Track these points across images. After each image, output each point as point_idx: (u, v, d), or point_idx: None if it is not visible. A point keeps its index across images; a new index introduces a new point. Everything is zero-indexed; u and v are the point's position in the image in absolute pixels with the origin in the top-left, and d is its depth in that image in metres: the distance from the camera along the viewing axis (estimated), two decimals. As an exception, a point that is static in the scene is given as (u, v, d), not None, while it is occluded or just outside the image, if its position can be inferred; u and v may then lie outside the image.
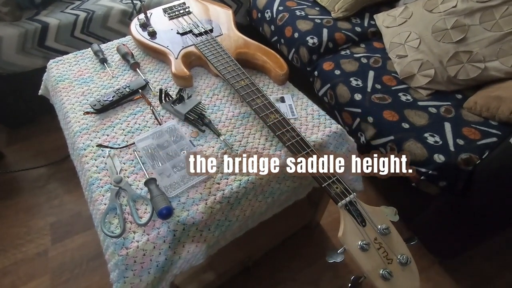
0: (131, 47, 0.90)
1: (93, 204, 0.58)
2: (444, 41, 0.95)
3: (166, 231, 0.53)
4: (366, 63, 1.07)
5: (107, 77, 0.81)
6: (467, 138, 0.82)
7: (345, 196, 0.53)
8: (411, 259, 0.48)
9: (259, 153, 0.65)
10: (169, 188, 0.57)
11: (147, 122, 0.70)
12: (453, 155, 0.78)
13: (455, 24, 0.94)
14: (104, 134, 0.68)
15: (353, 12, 1.24)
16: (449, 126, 0.85)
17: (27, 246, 1.07)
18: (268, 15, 1.33)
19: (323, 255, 1.07)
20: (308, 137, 0.68)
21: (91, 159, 0.63)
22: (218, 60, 0.77)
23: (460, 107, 0.92)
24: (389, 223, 0.52)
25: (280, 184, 0.65)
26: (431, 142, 0.82)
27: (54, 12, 1.24)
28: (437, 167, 0.78)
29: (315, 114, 0.73)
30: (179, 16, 0.95)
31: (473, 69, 0.92)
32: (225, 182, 0.59)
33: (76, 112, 0.72)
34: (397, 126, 0.88)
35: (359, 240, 0.49)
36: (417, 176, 0.84)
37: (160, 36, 0.87)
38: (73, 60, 0.86)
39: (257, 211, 0.63)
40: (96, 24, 1.24)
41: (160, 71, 0.83)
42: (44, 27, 1.17)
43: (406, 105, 0.93)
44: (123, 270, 0.50)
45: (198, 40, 0.84)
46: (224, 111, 0.73)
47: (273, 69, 0.79)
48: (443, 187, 0.80)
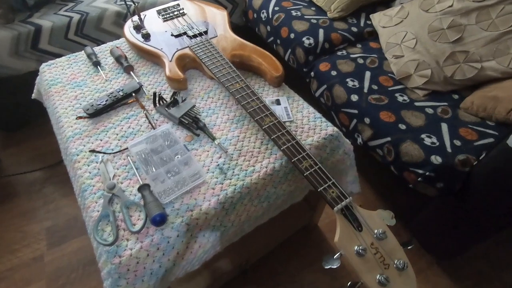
0: (125, 50, 0.89)
1: (86, 211, 0.58)
2: (440, 41, 0.95)
3: (160, 238, 0.52)
4: (362, 64, 1.07)
5: (100, 81, 0.80)
6: (464, 139, 0.82)
7: (341, 200, 0.53)
8: (408, 264, 0.48)
9: (254, 156, 0.64)
10: (163, 194, 0.57)
11: (141, 126, 0.70)
12: (450, 156, 0.78)
13: (451, 24, 0.94)
14: (97, 139, 0.67)
15: (349, 12, 1.23)
16: (446, 127, 0.85)
17: (23, 251, 1.06)
18: (264, 15, 1.32)
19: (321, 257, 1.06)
20: (304, 140, 0.67)
21: (83, 164, 0.62)
22: (213, 62, 0.76)
23: (457, 108, 0.92)
24: (386, 227, 0.51)
25: (276, 188, 0.64)
26: (428, 143, 0.82)
27: (47, 14, 1.23)
28: (434, 168, 0.78)
29: (311, 117, 0.72)
30: (173, 17, 0.94)
31: (470, 69, 0.92)
32: (219, 187, 0.59)
33: (69, 117, 0.71)
34: (394, 127, 0.88)
35: (356, 245, 0.48)
36: (414, 178, 0.83)
37: (154, 39, 0.87)
38: (66, 64, 0.85)
39: (252, 216, 0.63)
40: (90, 26, 1.23)
41: (154, 74, 0.82)
42: (37, 29, 1.15)
43: (402, 106, 0.92)
44: (116, 279, 0.50)
45: (193, 42, 0.84)
46: (219, 114, 0.73)
47: (268, 71, 0.78)
48: (440, 188, 0.80)
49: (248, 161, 0.63)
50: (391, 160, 0.88)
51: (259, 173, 0.61)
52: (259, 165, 0.62)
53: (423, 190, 0.85)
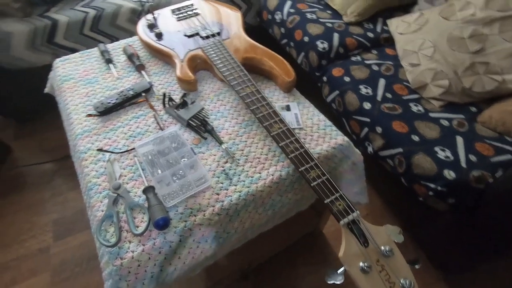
0: (137, 48, 0.89)
1: (91, 210, 0.58)
2: (460, 50, 0.91)
3: (162, 242, 0.52)
4: (377, 71, 1.04)
5: (111, 78, 0.80)
6: (480, 154, 0.79)
7: (348, 214, 0.51)
8: (415, 284, 0.46)
9: (261, 163, 0.63)
10: (168, 197, 0.56)
11: (149, 127, 0.69)
12: (465, 172, 0.75)
13: (472, 33, 0.90)
14: (105, 137, 0.67)
15: (366, 17, 1.21)
16: (462, 141, 0.82)
17: (30, 242, 1.08)
18: (279, 17, 1.31)
19: (325, 264, 1.05)
20: (313, 148, 0.66)
21: (91, 163, 0.62)
22: (224, 65, 0.75)
23: (474, 121, 0.88)
24: (393, 244, 0.49)
25: (281, 196, 0.63)
26: (441, 157, 0.79)
27: (64, 9, 1.24)
28: (447, 183, 0.75)
29: (321, 125, 0.71)
30: (187, 17, 0.94)
31: (490, 82, 0.88)
32: (224, 193, 0.58)
33: (79, 114, 0.72)
34: (407, 138, 0.85)
35: (361, 262, 0.47)
36: (425, 191, 0.81)
37: (166, 38, 0.86)
38: (79, 60, 0.86)
39: (256, 224, 0.62)
40: (105, 22, 1.24)
41: (165, 74, 0.82)
42: (54, 24, 1.17)
43: (417, 116, 0.90)
44: (117, 281, 0.50)
45: (205, 43, 0.83)
46: (228, 117, 0.72)
47: (280, 75, 0.77)
48: (452, 204, 0.77)
49: (255, 168, 0.62)
50: (402, 171, 0.85)
51: (265, 181, 0.60)
52: (266, 172, 0.61)
53: (434, 204, 0.82)
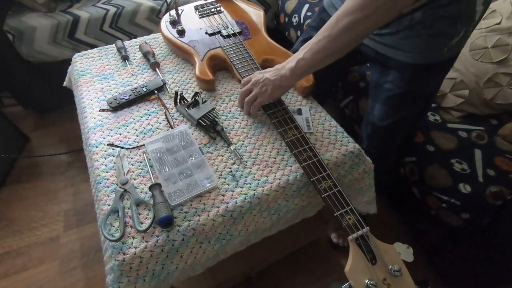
0: (153, 46, 0.90)
1: (98, 203, 0.58)
2: (483, 60, 0.88)
3: (165, 240, 0.52)
4: (393, 77, 1.01)
5: (127, 75, 0.82)
6: (499, 168, 0.75)
7: (357, 229, 0.50)
8: (422, 307, 0.44)
9: (268, 166, 0.62)
10: (173, 195, 0.56)
11: (160, 124, 0.70)
12: (481, 187, 0.72)
13: (497, 42, 0.87)
14: (117, 132, 0.68)
15: (385, 22, 1.18)
16: (480, 154, 0.79)
17: (41, 230, 1.11)
18: (296, 20, 1.30)
19: (328, 273, 1.03)
20: (323, 154, 0.65)
21: (101, 157, 0.63)
22: (243, 66, 0.75)
23: (494, 134, 0.85)
24: (402, 264, 0.48)
25: (287, 201, 0.62)
26: (457, 169, 0.76)
27: (86, 5, 1.28)
28: (462, 197, 0.72)
29: (332, 130, 0.69)
30: (209, 14, 0.93)
31: (513, 94, 0.84)
32: (230, 195, 0.58)
33: (93, 108, 0.73)
34: (421, 148, 0.83)
35: (367, 279, 0.46)
36: (437, 204, 0.78)
37: (188, 35, 0.86)
38: (96, 55, 0.88)
39: (260, 228, 0.61)
40: (124, 19, 1.27)
41: (179, 72, 0.83)
42: (75, 20, 1.20)
43: (433, 126, 0.87)
44: (119, 276, 0.50)
45: (226, 42, 0.82)
46: (238, 119, 0.71)
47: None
48: (466, 219, 0.74)
49: (262, 171, 0.61)
50: (413, 180, 0.82)
51: (271, 184, 0.59)
52: (273, 176, 0.61)
53: (446, 218, 0.79)
